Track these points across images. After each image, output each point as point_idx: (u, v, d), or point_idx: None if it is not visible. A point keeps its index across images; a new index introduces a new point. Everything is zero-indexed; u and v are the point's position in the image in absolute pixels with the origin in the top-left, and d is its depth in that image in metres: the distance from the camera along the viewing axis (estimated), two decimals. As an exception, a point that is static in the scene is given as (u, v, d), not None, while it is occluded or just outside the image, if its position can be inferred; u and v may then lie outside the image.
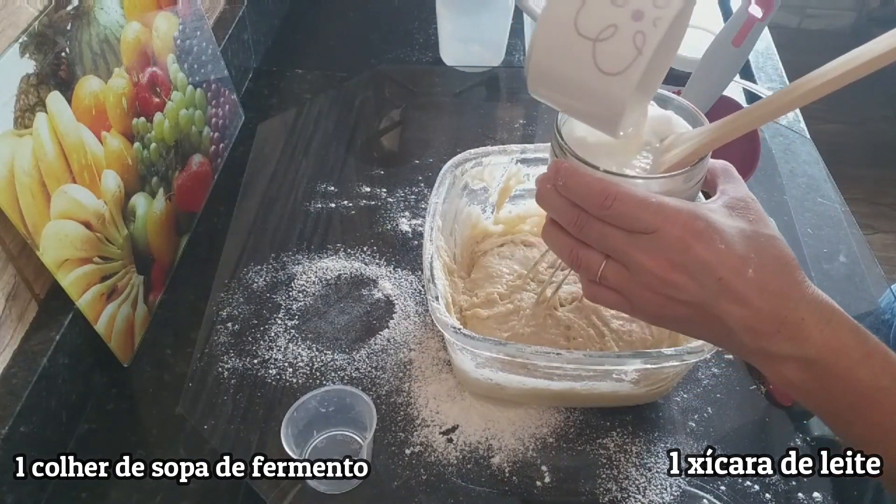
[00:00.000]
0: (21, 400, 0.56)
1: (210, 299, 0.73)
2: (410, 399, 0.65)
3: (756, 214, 0.45)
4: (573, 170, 0.44)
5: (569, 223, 0.45)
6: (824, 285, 0.75)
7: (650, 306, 0.44)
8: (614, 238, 0.43)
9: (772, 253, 0.43)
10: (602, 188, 0.43)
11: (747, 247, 0.42)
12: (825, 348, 0.42)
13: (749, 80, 1.01)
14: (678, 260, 0.42)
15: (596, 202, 0.43)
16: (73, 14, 0.61)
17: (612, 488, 0.59)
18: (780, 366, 0.43)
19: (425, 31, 1.12)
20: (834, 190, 0.86)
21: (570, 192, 0.44)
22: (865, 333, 0.43)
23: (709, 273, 0.41)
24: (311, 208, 0.83)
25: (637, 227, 0.42)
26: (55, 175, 0.58)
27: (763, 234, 0.43)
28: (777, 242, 0.43)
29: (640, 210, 0.42)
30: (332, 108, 0.97)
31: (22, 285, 0.60)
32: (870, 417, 0.42)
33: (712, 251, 0.41)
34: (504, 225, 0.74)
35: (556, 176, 0.45)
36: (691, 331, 0.46)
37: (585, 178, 0.44)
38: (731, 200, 0.45)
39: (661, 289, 0.43)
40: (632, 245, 0.43)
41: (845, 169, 1.55)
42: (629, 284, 0.44)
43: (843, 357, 0.42)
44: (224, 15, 0.96)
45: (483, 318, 0.65)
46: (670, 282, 0.42)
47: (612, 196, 0.42)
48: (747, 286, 0.41)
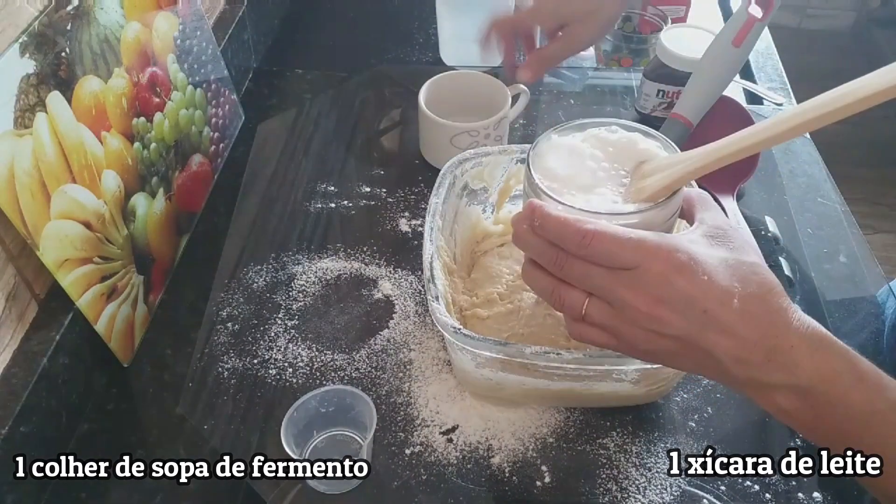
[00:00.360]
0: (21, 400, 0.56)
1: (210, 299, 0.73)
2: (410, 399, 0.65)
3: (736, 242, 0.44)
4: (548, 210, 0.44)
5: (548, 263, 0.45)
6: (824, 285, 0.75)
7: (637, 342, 0.44)
8: (595, 276, 0.43)
9: (755, 281, 0.42)
10: (577, 228, 0.42)
11: (730, 276, 0.42)
12: (817, 375, 0.41)
13: (749, 80, 1.01)
14: (662, 295, 0.41)
15: (573, 241, 0.43)
16: (73, 14, 0.61)
17: (612, 488, 0.59)
18: (772, 395, 0.43)
19: (425, 31, 1.12)
20: (834, 190, 0.86)
21: (547, 232, 0.44)
22: (856, 357, 0.42)
23: (693, 306, 0.41)
24: (311, 208, 0.83)
25: (618, 263, 0.42)
26: (55, 175, 0.58)
27: (745, 262, 0.43)
28: (760, 269, 0.43)
29: (619, 247, 0.42)
30: (332, 108, 0.97)
31: (22, 285, 0.60)
32: (865, 441, 0.42)
33: (695, 284, 0.41)
34: (504, 225, 0.74)
35: (532, 216, 0.44)
36: (680, 364, 0.46)
37: (560, 218, 0.43)
38: (710, 229, 0.45)
39: (646, 324, 0.43)
40: (614, 282, 0.43)
41: (845, 169, 1.55)
42: (614, 321, 0.44)
43: (835, 383, 0.41)
44: (224, 15, 0.96)
45: (483, 318, 0.65)
46: (655, 317, 0.42)
47: (589, 235, 0.42)
48: (733, 316, 0.41)
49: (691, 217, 0.48)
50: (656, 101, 0.90)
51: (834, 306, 0.73)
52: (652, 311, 0.42)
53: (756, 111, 0.94)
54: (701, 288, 0.41)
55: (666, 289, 0.41)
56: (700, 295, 0.41)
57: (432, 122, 0.83)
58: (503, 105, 0.83)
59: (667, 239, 0.43)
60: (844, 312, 0.73)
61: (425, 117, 0.83)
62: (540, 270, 0.46)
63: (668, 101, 0.89)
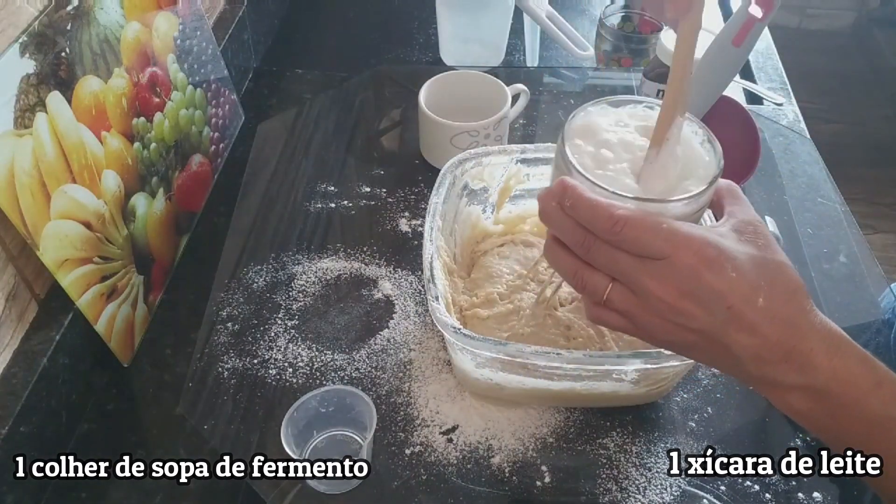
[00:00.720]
0: (21, 400, 0.56)
1: (210, 299, 0.73)
2: (410, 399, 0.65)
3: (765, 239, 0.43)
4: (581, 191, 0.43)
5: (574, 244, 0.44)
6: (824, 285, 0.75)
7: (656, 331, 0.43)
8: (623, 263, 0.42)
9: (781, 280, 0.42)
10: (610, 213, 0.41)
11: (758, 274, 0.41)
12: (834, 378, 0.41)
13: (749, 80, 1.01)
14: (688, 288, 0.41)
15: (605, 226, 0.41)
16: (73, 14, 0.61)
17: (612, 488, 0.59)
18: (786, 395, 0.43)
19: (425, 31, 1.12)
20: (834, 190, 0.86)
21: (578, 213, 0.42)
22: (874, 362, 0.42)
23: (719, 302, 0.41)
24: (311, 208, 0.83)
25: (647, 252, 0.41)
26: (55, 175, 0.58)
27: (773, 260, 0.42)
28: (787, 269, 0.43)
29: (651, 236, 0.41)
30: (332, 108, 0.97)
31: (22, 285, 0.60)
32: (880, 447, 0.42)
33: (723, 280, 0.40)
34: (504, 225, 0.74)
35: (563, 195, 0.43)
36: (696, 356, 0.45)
37: (593, 200, 0.42)
38: (740, 224, 0.44)
39: (669, 315, 0.42)
40: (641, 271, 0.42)
41: (845, 169, 1.56)
42: (636, 309, 0.43)
43: (852, 387, 0.41)
44: (224, 15, 0.96)
45: (483, 318, 0.65)
46: (679, 309, 0.41)
47: (621, 221, 0.41)
48: (757, 315, 0.41)
49: (720, 208, 0.47)
50: (656, 101, 0.90)
51: (834, 306, 0.73)
52: (677, 304, 0.41)
53: (756, 111, 0.94)
54: (728, 284, 0.41)
55: (693, 282, 0.41)
56: (727, 291, 0.41)
57: (432, 122, 0.83)
58: (503, 105, 0.83)
59: (699, 231, 0.42)
60: (844, 312, 0.73)
61: (425, 117, 0.83)
62: (564, 250, 0.45)
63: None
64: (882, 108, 2.41)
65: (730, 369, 0.44)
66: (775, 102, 0.97)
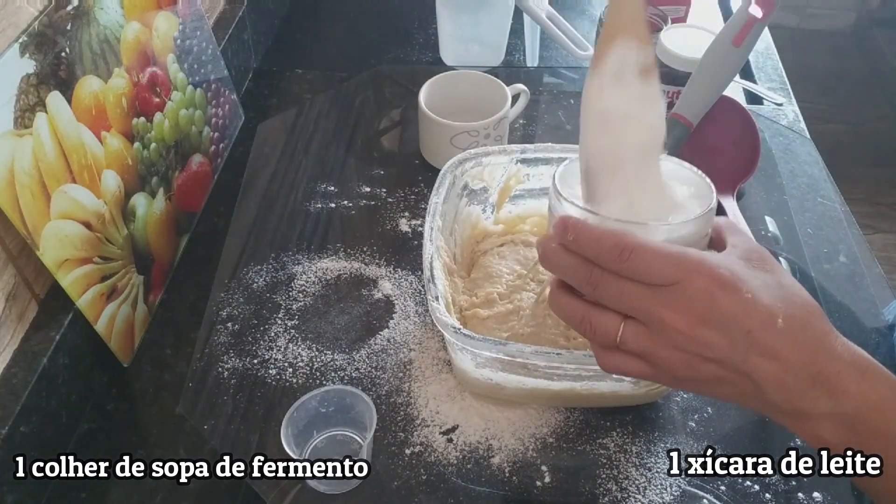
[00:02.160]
0: (21, 400, 0.56)
1: (210, 299, 0.73)
2: (410, 399, 0.65)
3: (772, 265, 0.42)
4: (583, 223, 0.42)
5: (582, 282, 0.42)
6: (824, 285, 0.75)
7: (676, 367, 0.41)
8: (633, 294, 0.40)
9: (797, 303, 0.41)
10: (616, 241, 0.40)
11: (773, 296, 0.40)
12: (864, 403, 0.39)
13: (749, 80, 1.01)
14: (704, 313, 0.39)
15: (611, 256, 0.40)
16: (73, 14, 0.61)
17: (612, 488, 0.59)
18: (814, 425, 0.41)
19: (425, 31, 1.12)
20: (834, 190, 0.86)
21: (582, 247, 0.41)
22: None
23: (737, 325, 0.39)
24: (311, 208, 0.83)
25: (657, 279, 0.40)
26: (55, 175, 0.58)
27: (785, 284, 0.41)
28: (801, 291, 0.41)
29: (661, 261, 0.39)
30: (332, 108, 0.97)
31: (22, 285, 0.60)
32: None
33: (739, 302, 0.39)
34: (504, 225, 0.74)
35: (565, 232, 0.42)
36: (719, 391, 0.43)
37: (597, 230, 0.41)
38: (745, 252, 0.43)
39: (686, 346, 0.40)
40: (653, 300, 0.40)
41: (845, 169, 1.55)
42: (651, 345, 0.41)
43: (882, 412, 0.39)
44: (224, 15, 0.96)
45: (483, 318, 0.65)
46: (696, 338, 0.39)
47: (629, 248, 0.40)
48: (777, 338, 0.39)
49: (722, 243, 0.45)
50: (656, 101, 0.90)
51: (834, 306, 0.73)
52: (693, 332, 0.39)
53: (756, 111, 0.94)
54: (744, 306, 0.39)
55: (708, 307, 0.39)
56: (743, 314, 0.39)
57: (432, 122, 0.83)
58: (503, 105, 0.83)
59: (709, 255, 0.41)
60: (844, 312, 0.73)
61: (425, 117, 0.83)
62: (568, 294, 0.44)
63: (667, 101, 0.89)
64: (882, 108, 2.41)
65: (754, 402, 0.42)
66: (775, 102, 0.97)
